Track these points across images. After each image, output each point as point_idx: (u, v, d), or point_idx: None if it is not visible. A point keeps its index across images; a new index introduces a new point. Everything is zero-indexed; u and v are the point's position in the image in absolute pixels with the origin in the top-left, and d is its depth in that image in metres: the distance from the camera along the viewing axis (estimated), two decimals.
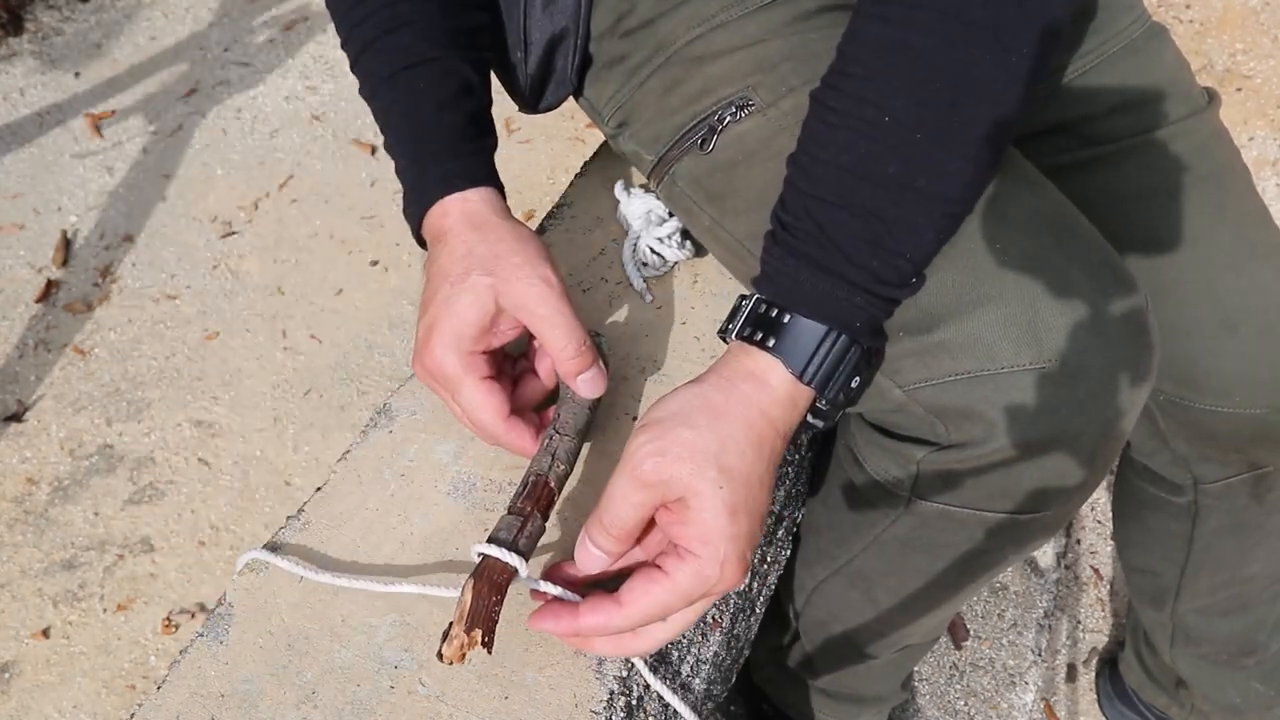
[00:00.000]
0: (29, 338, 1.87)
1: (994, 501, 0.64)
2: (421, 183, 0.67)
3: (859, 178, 0.53)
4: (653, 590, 0.52)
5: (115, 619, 1.45)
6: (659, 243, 0.82)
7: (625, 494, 0.52)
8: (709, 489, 0.51)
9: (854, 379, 0.55)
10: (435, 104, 0.67)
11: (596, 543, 0.55)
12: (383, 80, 0.68)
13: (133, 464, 1.65)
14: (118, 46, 2.53)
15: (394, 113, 0.68)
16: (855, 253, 0.53)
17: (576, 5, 0.72)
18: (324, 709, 0.59)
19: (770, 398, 0.54)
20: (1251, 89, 1.87)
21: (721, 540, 0.51)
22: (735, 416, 0.53)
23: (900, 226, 0.53)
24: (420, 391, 0.78)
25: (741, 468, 0.52)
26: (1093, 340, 0.58)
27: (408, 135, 0.68)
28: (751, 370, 0.54)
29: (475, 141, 0.68)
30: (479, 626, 0.53)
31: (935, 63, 0.52)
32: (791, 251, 0.54)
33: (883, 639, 0.83)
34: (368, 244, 1.97)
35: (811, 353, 0.53)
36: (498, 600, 0.55)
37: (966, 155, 0.53)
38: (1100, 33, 0.78)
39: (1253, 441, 0.79)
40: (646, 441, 0.52)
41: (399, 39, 0.68)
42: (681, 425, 0.52)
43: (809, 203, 0.54)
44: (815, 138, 0.55)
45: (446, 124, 0.67)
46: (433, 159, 0.67)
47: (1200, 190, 0.76)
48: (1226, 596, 0.96)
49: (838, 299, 0.53)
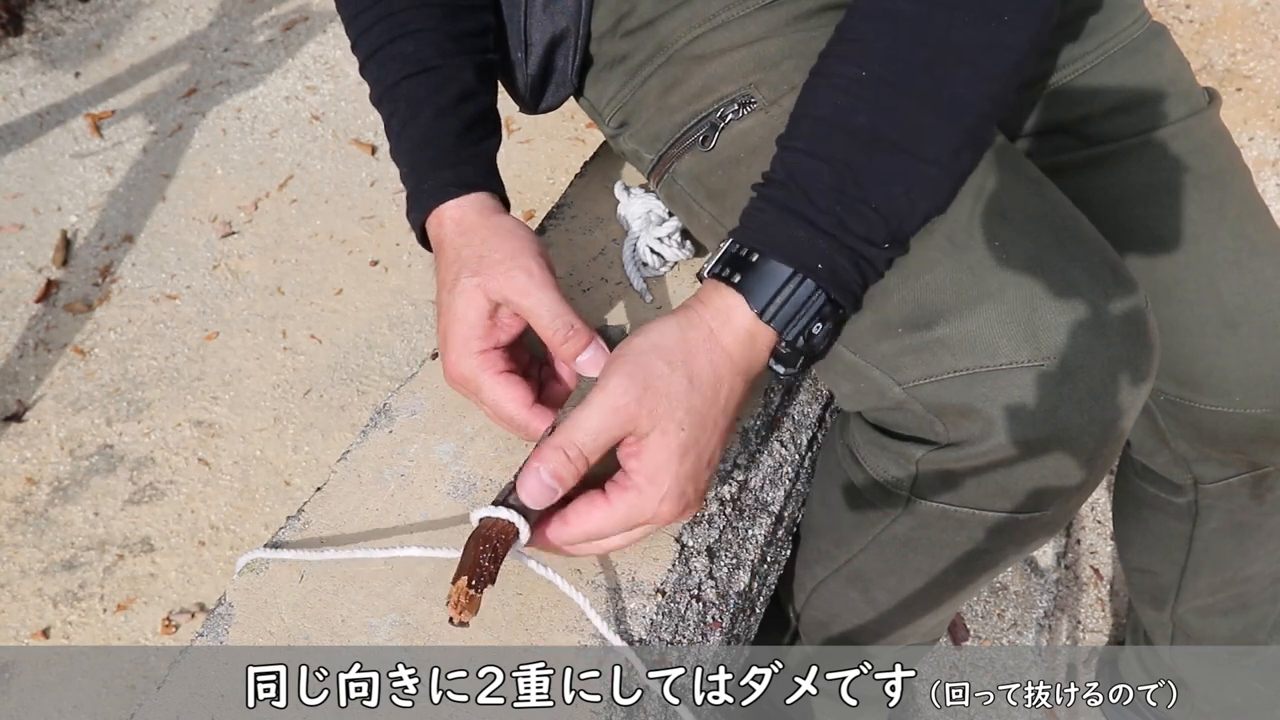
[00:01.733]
0: (29, 338, 1.87)
1: (993, 501, 0.64)
2: (419, 191, 0.69)
3: (832, 126, 0.55)
4: (594, 514, 0.57)
5: (115, 619, 1.45)
6: (659, 243, 0.82)
7: (599, 426, 0.54)
8: (673, 429, 0.55)
9: (815, 324, 0.57)
10: (435, 111, 0.68)
11: (556, 471, 0.55)
12: (387, 88, 0.70)
13: (133, 464, 1.65)
14: (118, 46, 2.53)
15: (395, 121, 0.70)
16: (820, 197, 0.54)
17: (577, 6, 0.72)
18: (324, 709, 0.59)
19: (732, 335, 0.56)
20: (1251, 89, 1.87)
21: (667, 478, 0.55)
22: (700, 353, 0.56)
23: (868, 175, 0.54)
24: (420, 391, 0.78)
25: (702, 408, 0.56)
26: (1092, 339, 0.58)
27: (407, 144, 0.69)
28: (718, 306, 0.56)
29: (474, 146, 0.70)
30: (484, 586, 0.55)
31: (919, 26, 0.54)
32: (764, 198, 0.57)
33: (882, 639, 0.83)
34: (368, 244, 1.97)
35: (775, 292, 0.55)
36: (502, 547, 0.56)
37: (942, 114, 0.54)
38: (1101, 33, 0.78)
39: (1253, 442, 0.79)
40: (625, 377, 0.54)
41: (402, 47, 0.69)
42: (658, 360, 0.55)
43: (784, 154, 0.57)
44: (801, 100, 0.58)
45: (444, 131, 0.68)
46: (430, 167, 0.68)
47: (1201, 190, 0.76)
48: (1227, 596, 0.96)
49: (799, 239, 0.54)
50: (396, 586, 0.65)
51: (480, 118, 0.71)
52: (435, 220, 0.68)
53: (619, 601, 0.64)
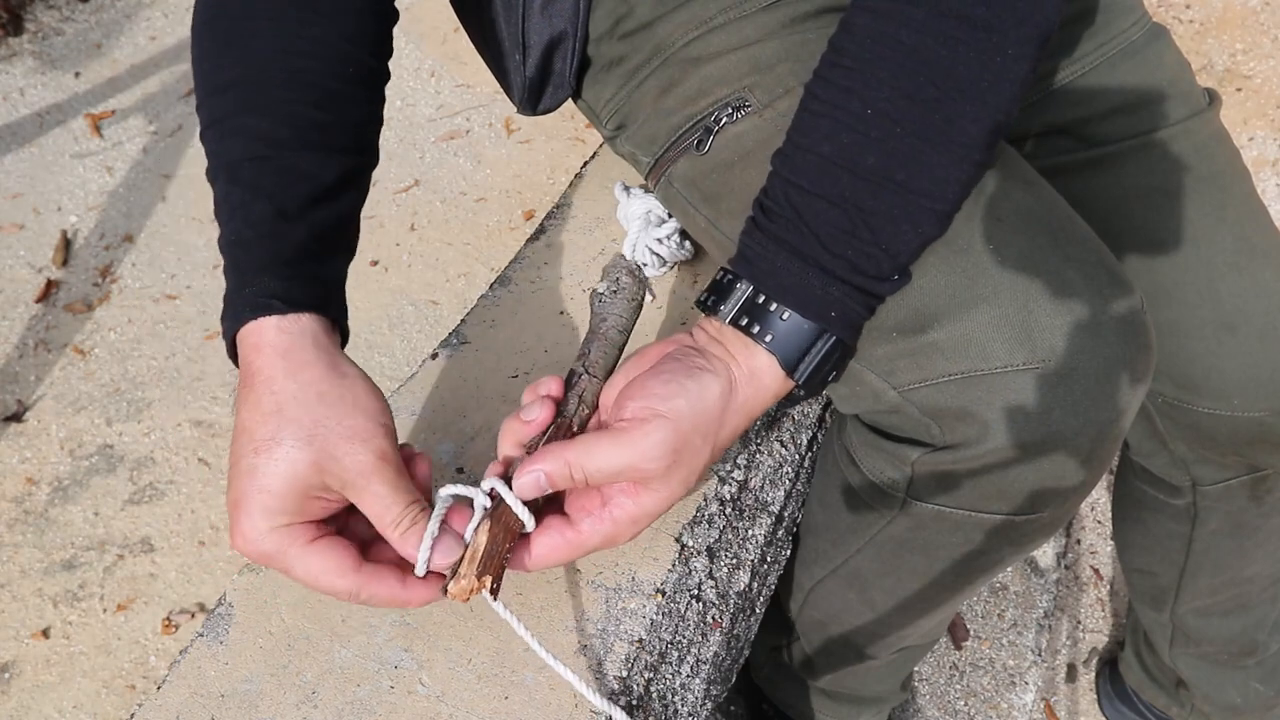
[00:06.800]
0: (29, 338, 1.87)
1: (990, 503, 0.64)
2: (236, 297, 0.56)
3: (839, 167, 0.54)
4: (559, 545, 0.55)
5: (115, 619, 1.45)
6: (658, 243, 0.82)
7: (616, 469, 0.53)
8: (677, 487, 0.54)
9: (831, 375, 0.57)
10: (275, 210, 0.57)
11: (554, 481, 0.54)
12: (224, 165, 0.59)
13: (133, 464, 1.65)
14: (118, 46, 2.53)
15: (226, 206, 0.58)
16: (831, 241, 0.54)
17: (575, 7, 0.72)
18: (324, 709, 0.59)
19: (762, 403, 0.57)
20: (1251, 89, 1.87)
21: (647, 522, 0.56)
22: (729, 425, 0.56)
23: (878, 218, 0.53)
24: (420, 391, 0.78)
25: (706, 467, 0.56)
26: (1088, 341, 0.58)
27: (233, 235, 0.58)
28: (751, 369, 0.56)
29: (316, 260, 0.58)
30: (490, 573, 0.53)
31: (923, 58, 0.53)
32: (770, 236, 0.55)
33: (881, 640, 0.83)
34: (368, 244, 1.97)
35: (804, 353, 0.55)
36: (510, 547, 0.55)
37: (949, 152, 0.53)
38: (1100, 34, 0.78)
39: (1251, 444, 0.79)
40: (662, 444, 0.53)
41: (254, 122, 0.58)
42: (695, 435, 0.54)
43: (789, 190, 0.55)
44: (799, 126, 0.56)
45: (282, 235, 0.57)
46: (255, 270, 0.56)
47: (1201, 191, 0.76)
48: (1226, 597, 0.96)
49: (812, 286, 0.54)
50: None
51: (333, 229, 0.60)
52: (251, 339, 0.55)
53: (619, 601, 0.64)
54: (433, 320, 1.81)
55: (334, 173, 0.60)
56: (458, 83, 2.25)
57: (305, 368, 0.54)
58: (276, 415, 0.53)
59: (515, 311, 0.85)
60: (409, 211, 2.01)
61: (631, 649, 0.62)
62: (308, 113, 0.59)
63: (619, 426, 0.54)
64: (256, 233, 0.57)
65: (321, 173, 0.59)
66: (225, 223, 0.58)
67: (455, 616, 0.63)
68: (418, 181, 2.06)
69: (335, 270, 0.60)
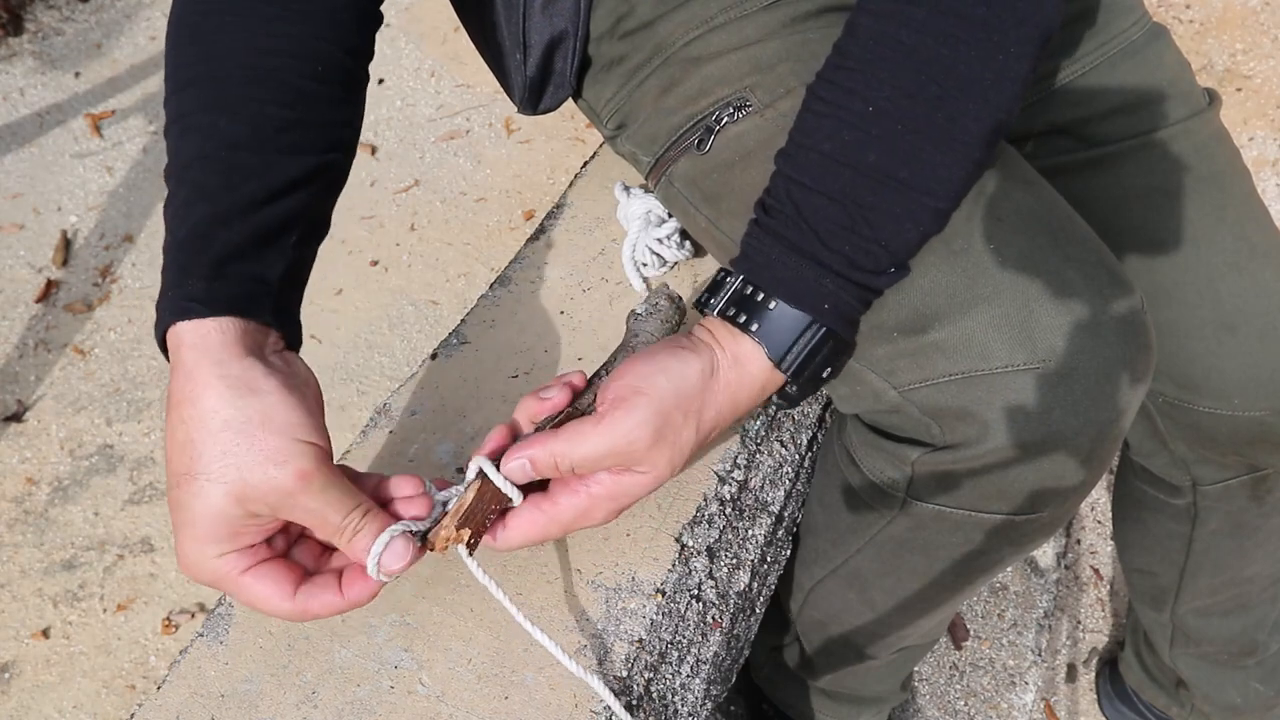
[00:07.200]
0: (29, 338, 1.87)
1: (990, 503, 0.64)
2: (163, 299, 0.54)
3: (840, 164, 0.54)
4: (536, 519, 0.56)
5: (115, 619, 1.45)
6: (658, 243, 0.82)
7: (600, 455, 0.54)
8: (662, 469, 0.55)
9: (825, 369, 0.57)
10: (212, 214, 0.54)
11: (539, 469, 0.55)
12: (179, 164, 0.57)
13: (133, 464, 1.65)
14: (118, 46, 2.53)
15: (171, 206, 0.56)
16: (830, 237, 0.54)
17: (576, 7, 0.72)
18: (324, 709, 0.59)
19: (747, 389, 0.57)
20: (1251, 89, 1.87)
21: (628, 503, 0.56)
22: (712, 406, 0.56)
23: (878, 214, 0.54)
24: (420, 391, 0.79)
25: (691, 451, 0.56)
26: (1088, 340, 0.58)
27: (172, 237, 0.55)
28: (735, 354, 0.56)
29: (255, 260, 0.55)
30: (469, 527, 0.55)
31: (924, 57, 0.53)
32: (769, 232, 0.56)
33: (880, 640, 0.83)
34: (368, 244, 1.97)
35: (792, 342, 0.55)
36: (495, 510, 0.56)
37: (951, 150, 0.53)
38: (1100, 34, 0.78)
39: (1252, 444, 0.79)
40: (643, 423, 0.53)
41: (212, 120, 0.56)
42: (676, 411, 0.54)
43: (791, 187, 0.56)
44: (802, 126, 0.57)
45: (218, 237, 0.54)
46: (183, 272, 0.53)
47: (1201, 191, 0.76)
48: (1226, 597, 0.96)
49: (807, 280, 0.54)
50: (396, 587, 0.65)
51: (278, 229, 0.56)
52: (171, 345, 0.53)
53: (619, 601, 0.64)
54: (433, 320, 1.81)
55: (290, 172, 0.57)
56: (458, 83, 2.25)
57: (208, 390, 0.50)
58: (189, 447, 0.51)
59: (515, 311, 0.85)
60: (409, 211, 2.01)
61: (631, 649, 0.62)
62: (271, 111, 0.57)
63: (602, 412, 0.54)
64: (191, 234, 0.54)
65: (273, 172, 0.57)
66: (168, 223, 0.56)
67: (455, 616, 0.63)
68: (418, 181, 2.06)
69: (276, 270, 0.56)
